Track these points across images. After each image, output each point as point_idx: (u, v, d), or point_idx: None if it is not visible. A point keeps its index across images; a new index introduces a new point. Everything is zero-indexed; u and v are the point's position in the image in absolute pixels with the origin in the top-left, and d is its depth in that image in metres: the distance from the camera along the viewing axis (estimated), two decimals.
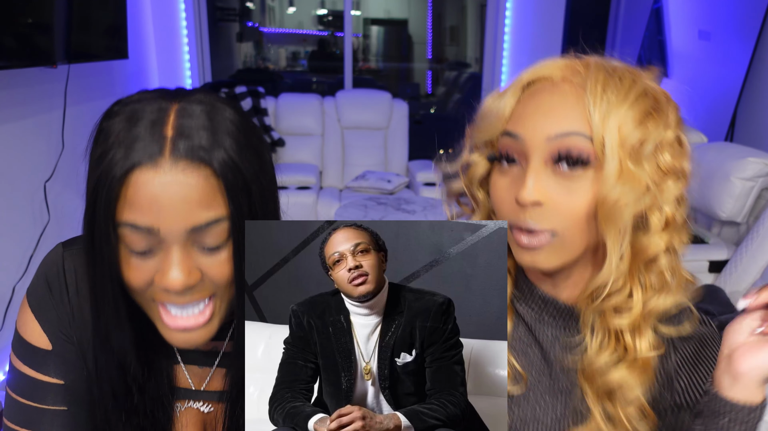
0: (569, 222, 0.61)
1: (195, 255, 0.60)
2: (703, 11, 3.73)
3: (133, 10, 3.20)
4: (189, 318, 0.61)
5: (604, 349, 0.65)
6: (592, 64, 0.63)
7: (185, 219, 0.57)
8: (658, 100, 0.62)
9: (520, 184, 0.62)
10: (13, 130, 2.26)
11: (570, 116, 0.60)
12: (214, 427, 0.76)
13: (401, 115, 4.26)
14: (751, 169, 2.57)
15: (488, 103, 0.68)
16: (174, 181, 0.56)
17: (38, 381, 0.70)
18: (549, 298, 0.70)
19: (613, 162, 0.58)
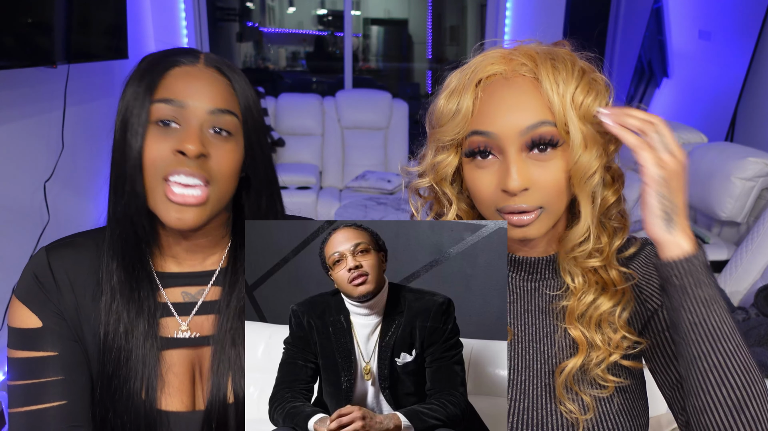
0: (553, 195, 0.70)
1: (209, 136, 0.73)
2: (703, 11, 3.73)
3: (133, 10, 3.20)
4: (187, 196, 0.71)
5: (588, 288, 0.75)
6: (534, 55, 0.70)
7: (208, 102, 0.73)
8: (591, 72, 0.71)
9: (501, 174, 0.69)
10: (13, 130, 2.26)
11: (534, 108, 0.68)
12: (200, 365, 0.80)
13: (401, 115, 4.26)
14: (751, 169, 2.57)
15: (443, 105, 0.73)
16: (204, 76, 0.74)
17: (34, 359, 0.75)
18: (524, 259, 0.78)
19: (577, 134, 0.68)
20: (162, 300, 0.80)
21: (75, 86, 2.62)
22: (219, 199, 0.74)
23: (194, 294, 0.81)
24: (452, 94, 0.73)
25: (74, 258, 0.78)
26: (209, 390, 0.78)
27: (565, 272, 0.76)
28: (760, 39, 3.16)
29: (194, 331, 0.80)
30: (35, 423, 0.74)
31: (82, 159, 2.79)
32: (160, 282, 0.80)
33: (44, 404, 0.74)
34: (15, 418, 0.74)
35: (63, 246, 0.79)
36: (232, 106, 0.75)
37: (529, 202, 0.69)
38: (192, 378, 0.80)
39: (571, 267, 0.75)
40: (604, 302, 0.74)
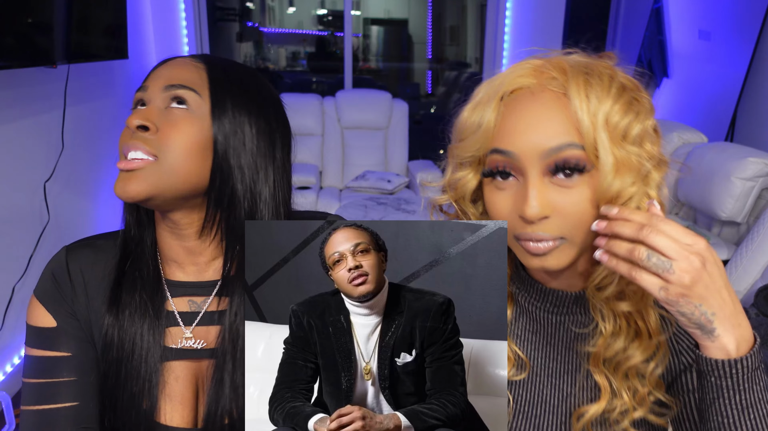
0: (577, 225, 0.62)
1: (166, 112, 0.73)
2: (703, 11, 3.73)
3: (133, 10, 3.20)
4: (128, 162, 0.71)
5: (619, 334, 0.66)
6: (567, 68, 0.63)
7: (166, 79, 0.73)
8: (633, 89, 0.64)
9: (520, 198, 0.63)
10: (13, 130, 2.26)
11: (560, 128, 0.61)
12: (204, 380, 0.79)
13: (401, 115, 4.26)
14: (751, 169, 2.57)
15: (465, 117, 0.67)
16: (178, 61, 0.75)
17: (49, 359, 0.75)
18: (551, 291, 0.72)
19: (608, 158, 0.60)
20: (169, 309, 0.79)
21: (75, 86, 2.62)
22: (170, 172, 0.71)
23: (200, 304, 0.80)
24: (476, 107, 0.67)
25: (92, 260, 0.78)
26: (206, 408, 0.76)
27: (596, 310, 0.68)
28: (759, 39, 3.17)
29: (198, 340, 0.79)
30: (46, 422, 0.74)
31: (82, 159, 2.79)
32: (168, 291, 0.79)
33: (56, 404, 0.74)
34: (26, 416, 0.75)
35: (83, 247, 0.79)
36: (195, 84, 0.73)
37: (549, 231, 0.62)
38: (195, 392, 0.79)
39: (602, 306, 0.67)
40: (637, 353, 0.66)
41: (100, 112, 2.97)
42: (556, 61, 0.65)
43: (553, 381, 0.73)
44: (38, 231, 2.38)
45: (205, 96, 0.73)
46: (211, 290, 0.80)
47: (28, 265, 2.25)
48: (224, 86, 0.74)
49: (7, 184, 2.20)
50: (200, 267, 0.80)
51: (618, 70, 0.65)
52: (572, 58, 0.66)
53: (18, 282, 2.19)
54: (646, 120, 0.63)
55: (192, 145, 0.72)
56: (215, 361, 0.77)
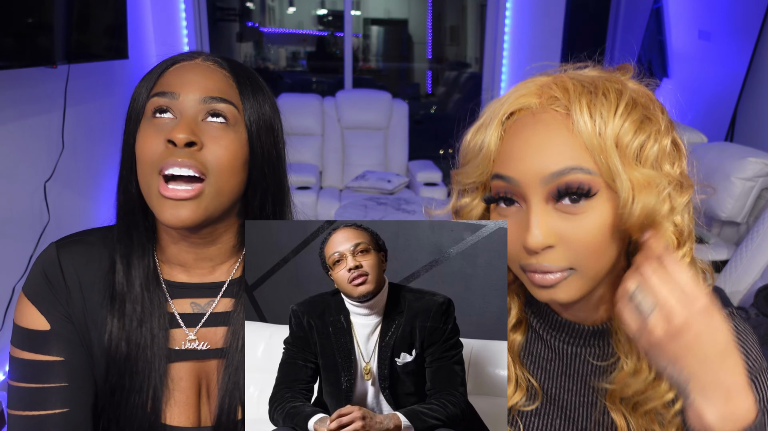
0: (586, 255, 0.58)
1: (203, 124, 0.71)
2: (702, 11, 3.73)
3: (133, 10, 3.20)
4: (179, 191, 0.68)
5: (639, 373, 0.61)
6: (569, 86, 0.59)
7: (201, 91, 0.71)
8: (647, 106, 0.60)
9: (523, 227, 0.59)
10: (13, 130, 2.26)
11: (562, 151, 0.57)
12: (207, 380, 0.79)
13: (401, 115, 4.26)
14: (751, 169, 2.57)
15: (468, 140, 0.64)
16: (200, 69, 0.73)
17: (39, 363, 0.72)
18: (566, 322, 0.68)
19: (623, 182, 0.55)
20: (170, 311, 0.78)
21: (75, 86, 2.62)
22: (217, 194, 0.70)
23: (203, 306, 0.79)
24: (479, 129, 0.63)
25: (85, 258, 0.76)
26: (218, 405, 0.76)
27: (620, 345, 0.63)
28: (759, 39, 3.16)
29: (202, 343, 0.78)
30: (36, 429, 0.72)
31: (82, 159, 2.79)
32: (168, 293, 0.78)
33: (46, 410, 0.72)
34: (15, 420, 0.73)
35: (74, 244, 0.77)
36: (230, 95, 0.72)
37: (555, 262, 0.58)
38: (198, 393, 0.78)
39: (626, 342, 0.62)
40: (656, 396, 0.61)
41: (100, 112, 2.96)
42: (562, 79, 0.61)
43: (567, 413, 0.69)
44: (38, 231, 2.38)
45: (240, 108, 0.73)
46: (216, 292, 0.79)
47: (28, 265, 2.25)
48: (252, 94, 0.74)
49: (7, 184, 2.20)
50: (207, 270, 0.79)
51: (629, 85, 0.60)
52: (579, 74, 0.62)
53: (18, 282, 2.19)
54: (663, 138, 0.58)
55: (236, 161, 0.71)
56: (225, 361, 0.77)
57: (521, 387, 0.70)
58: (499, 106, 0.62)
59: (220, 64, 0.74)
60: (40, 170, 2.43)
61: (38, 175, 2.41)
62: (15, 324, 0.74)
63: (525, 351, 0.73)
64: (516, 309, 0.72)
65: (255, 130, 0.74)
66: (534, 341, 0.72)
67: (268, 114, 0.76)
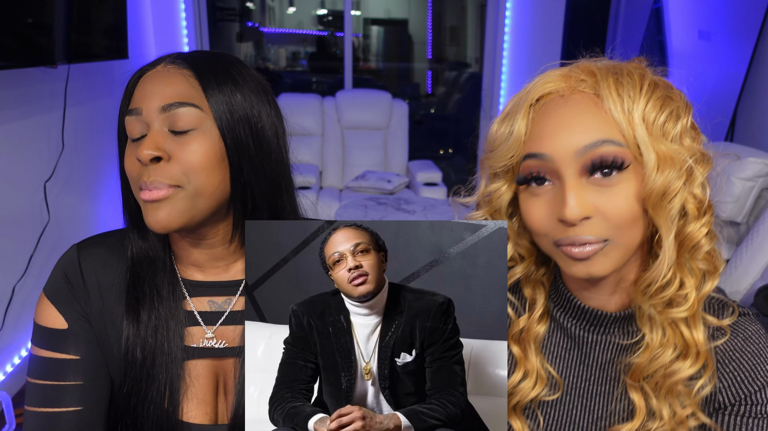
0: (622, 225, 0.60)
1: (166, 137, 0.69)
2: (702, 11, 3.73)
3: (133, 10, 3.20)
4: (153, 193, 0.68)
5: (666, 345, 0.63)
6: (595, 70, 0.62)
7: (160, 99, 0.68)
8: (666, 88, 0.63)
9: (558, 202, 0.60)
10: (13, 130, 2.26)
11: (593, 125, 0.59)
12: (225, 377, 0.79)
13: (401, 115, 4.26)
14: (751, 169, 2.57)
15: (495, 129, 0.66)
16: (159, 75, 0.70)
17: (57, 361, 0.74)
18: (590, 310, 0.69)
19: (650, 154, 0.58)
20: (188, 308, 0.79)
21: (75, 86, 2.62)
22: (196, 194, 0.69)
23: (221, 304, 0.80)
24: (506, 118, 0.65)
25: (105, 260, 0.77)
26: (234, 403, 0.77)
27: (644, 320, 0.65)
28: (759, 39, 3.16)
29: (220, 341, 0.79)
30: (49, 425, 0.73)
31: (82, 159, 2.79)
32: (186, 291, 0.79)
33: (60, 408, 0.73)
34: (30, 416, 0.74)
35: (95, 246, 0.78)
36: (190, 96, 0.69)
37: (592, 233, 0.59)
38: (215, 390, 0.79)
39: (653, 314, 0.64)
40: (684, 368, 0.63)
41: (100, 112, 2.96)
42: (584, 65, 0.64)
43: (584, 402, 0.71)
44: (38, 231, 2.38)
45: (204, 106, 0.70)
46: (234, 290, 0.80)
47: (28, 265, 2.25)
48: (218, 88, 0.71)
49: (7, 184, 2.20)
50: (221, 269, 0.80)
51: (648, 70, 0.64)
52: (601, 61, 0.65)
53: (18, 282, 2.19)
54: (683, 117, 0.62)
55: (209, 162, 0.70)
56: (242, 359, 0.78)
57: (541, 378, 0.71)
58: (525, 94, 0.65)
59: (180, 65, 0.71)
60: (40, 170, 2.43)
61: (38, 175, 2.41)
62: (35, 322, 0.77)
63: (545, 341, 0.74)
64: (542, 300, 0.73)
65: (226, 124, 0.70)
66: (553, 332, 0.74)
67: (240, 104, 0.72)
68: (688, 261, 0.63)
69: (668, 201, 0.59)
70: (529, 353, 0.72)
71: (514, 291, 0.76)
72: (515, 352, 0.72)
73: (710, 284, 0.64)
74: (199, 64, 0.71)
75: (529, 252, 0.71)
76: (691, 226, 0.62)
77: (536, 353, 0.72)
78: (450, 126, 6.05)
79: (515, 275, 0.73)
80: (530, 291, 0.74)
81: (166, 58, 0.72)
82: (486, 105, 4.47)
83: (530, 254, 0.71)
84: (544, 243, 0.64)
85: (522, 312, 0.74)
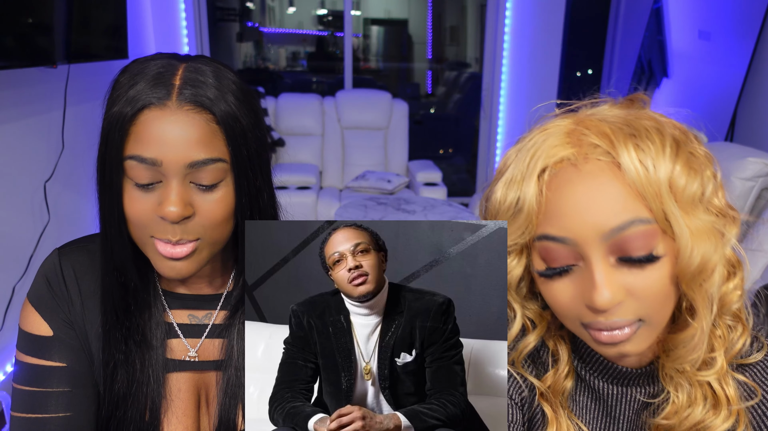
0: (654, 305, 0.56)
1: (191, 191, 0.66)
2: (703, 11, 3.73)
3: (133, 10, 3.20)
4: (176, 253, 0.67)
5: (695, 404, 0.60)
6: (607, 131, 0.56)
7: (185, 154, 0.64)
8: (686, 141, 0.57)
9: (586, 286, 0.55)
10: (13, 130, 2.26)
11: (618, 204, 0.53)
12: (206, 391, 0.78)
13: (401, 115, 4.26)
14: (751, 169, 2.57)
15: (500, 198, 0.60)
16: (178, 120, 0.64)
17: (42, 367, 0.73)
18: (616, 367, 0.65)
19: (682, 230, 0.53)
20: (168, 321, 0.78)
21: (75, 86, 2.62)
22: (211, 245, 0.70)
23: (201, 318, 0.79)
24: (510, 185, 0.59)
25: (87, 266, 0.76)
26: (217, 416, 0.76)
27: (668, 380, 0.62)
28: (759, 39, 3.16)
29: (201, 356, 0.78)
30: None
31: (82, 159, 2.79)
32: (166, 303, 0.78)
33: (47, 414, 0.72)
34: (16, 422, 0.73)
35: (76, 251, 0.77)
36: (216, 148, 0.65)
37: (624, 316, 0.55)
38: (197, 403, 0.78)
39: (677, 376, 0.61)
40: (716, 423, 0.60)
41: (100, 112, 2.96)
42: (591, 122, 0.57)
43: None
44: (38, 231, 2.38)
45: (227, 157, 0.67)
46: (214, 304, 0.79)
47: (28, 265, 2.25)
48: (239, 134, 0.67)
49: (7, 184, 2.20)
50: (203, 284, 0.80)
51: (662, 120, 0.58)
52: (607, 114, 0.59)
53: (18, 282, 2.19)
54: (707, 170, 0.56)
55: (228, 212, 0.69)
56: (224, 373, 0.77)
57: None
58: (530, 159, 0.58)
59: (201, 103, 0.65)
60: (40, 170, 2.43)
61: (38, 175, 2.41)
62: (20, 328, 0.75)
63: (573, 396, 0.69)
64: (566, 356, 0.67)
65: (243, 171, 0.68)
66: (578, 387, 0.69)
67: (255, 145, 0.69)
68: (715, 321, 0.60)
69: (706, 278, 0.54)
70: (558, 412, 0.67)
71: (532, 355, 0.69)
72: (547, 412, 0.66)
73: (740, 343, 0.61)
74: (216, 102, 0.65)
75: (539, 316, 0.66)
76: (723, 289, 0.58)
77: (566, 411, 0.68)
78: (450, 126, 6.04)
79: (529, 345, 0.66)
80: (552, 345, 0.68)
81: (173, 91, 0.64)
82: (486, 105, 4.47)
83: (541, 319, 0.65)
84: (569, 323, 0.60)
85: (548, 368, 0.68)
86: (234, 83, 0.68)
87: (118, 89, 0.66)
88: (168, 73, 0.66)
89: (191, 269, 0.69)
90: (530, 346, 0.67)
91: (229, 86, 0.67)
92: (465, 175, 5.34)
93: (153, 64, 0.67)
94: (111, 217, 0.69)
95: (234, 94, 0.67)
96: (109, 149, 0.66)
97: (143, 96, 0.64)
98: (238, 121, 0.67)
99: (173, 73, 0.66)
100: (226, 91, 0.67)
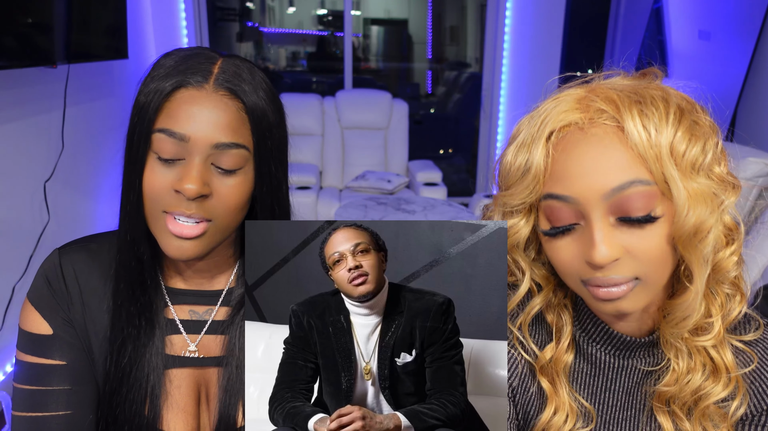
0: (652, 265, 0.58)
1: (211, 173, 0.68)
2: (703, 11, 3.73)
3: (133, 10, 3.20)
4: (185, 230, 0.68)
5: (695, 370, 0.63)
6: (615, 98, 0.58)
7: (213, 135, 0.67)
8: (691, 110, 0.59)
9: (586, 243, 0.58)
10: (13, 130, 2.26)
11: (620, 165, 0.56)
12: (207, 387, 0.79)
13: (401, 115, 4.26)
14: (751, 169, 2.56)
15: (510, 161, 0.62)
16: (211, 102, 0.67)
17: (42, 366, 0.74)
18: (617, 335, 0.67)
19: (680, 192, 0.56)
20: (170, 317, 0.78)
21: (75, 86, 2.62)
22: (221, 231, 0.71)
23: (202, 314, 0.79)
24: (520, 148, 0.62)
25: (87, 265, 0.76)
26: (217, 412, 0.77)
27: (669, 347, 0.64)
28: (760, 39, 3.16)
29: (201, 352, 0.78)
30: (38, 429, 0.73)
31: (82, 159, 2.79)
32: (168, 298, 0.78)
33: (48, 412, 0.73)
34: (18, 421, 0.74)
35: (77, 251, 0.77)
36: (242, 136, 0.69)
37: (622, 273, 0.58)
38: (197, 399, 0.78)
39: (677, 342, 0.63)
40: (716, 389, 0.62)
41: (100, 112, 2.96)
42: (601, 90, 0.60)
43: (611, 429, 0.69)
44: (38, 231, 2.38)
45: (251, 146, 0.70)
46: (215, 300, 0.79)
47: (28, 265, 2.25)
48: (265, 127, 0.71)
49: (7, 184, 2.20)
50: (205, 279, 0.80)
51: (670, 91, 0.60)
52: (617, 84, 0.61)
53: (18, 282, 2.19)
54: (710, 141, 0.58)
55: (243, 201, 0.71)
56: (224, 370, 0.77)
57: (572, 411, 0.68)
58: (540, 123, 0.61)
59: (234, 92, 0.69)
60: (40, 170, 2.43)
61: (38, 175, 2.41)
62: (20, 327, 0.76)
63: (571, 370, 0.71)
64: (569, 327, 0.70)
65: (264, 162, 0.72)
66: (576, 359, 0.71)
67: (277, 141, 0.73)
68: (713, 288, 0.62)
69: (701, 240, 0.56)
70: (558, 386, 0.68)
71: (534, 323, 0.72)
72: (545, 387, 0.68)
73: (736, 311, 0.63)
74: (250, 94, 0.70)
75: (546, 280, 0.68)
76: (720, 255, 0.60)
77: (566, 385, 0.69)
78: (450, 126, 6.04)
79: (535, 307, 0.69)
80: (554, 317, 0.70)
81: (210, 73, 0.69)
82: (486, 105, 4.47)
83: (548, 282, 0.68)
84: (570, 281, 0.62)
85: (547, 341, 0.70)
86: (265, 82, 0.73)
87: (158, 69, 0.70)
88: (208, 62, 0.70)
89: (197, 251, 0.70)
90: (536, 308, 0.70)
91: (261, 84, 0.72)
92: (465, 175, 5.34)
93: (195, 53, 0.71)
94: (131, 191, 0.70)
95: (265, 92, 0.72)
96: (141, 121, 0.68)
97: (182, 76, 0.68)
98: (265, 115, 0.71)
99: (213, 62, 0.70)
100: (258, 88, 0.71)
